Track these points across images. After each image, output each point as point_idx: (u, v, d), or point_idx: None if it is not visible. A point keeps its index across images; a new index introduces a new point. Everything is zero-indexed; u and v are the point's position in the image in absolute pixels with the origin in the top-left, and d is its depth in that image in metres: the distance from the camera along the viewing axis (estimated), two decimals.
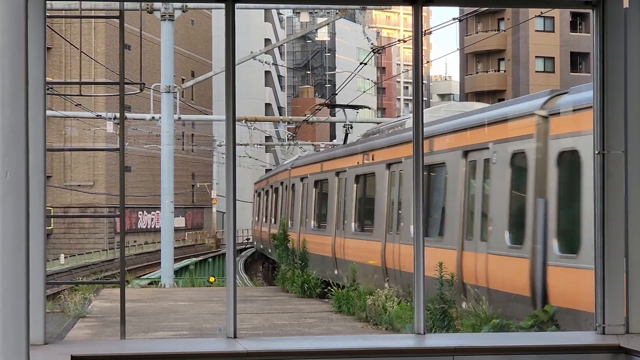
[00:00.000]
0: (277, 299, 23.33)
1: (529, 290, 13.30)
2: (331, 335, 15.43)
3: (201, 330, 16.73)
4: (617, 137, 6.33)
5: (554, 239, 12.99)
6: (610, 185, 6.34)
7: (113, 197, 62.91)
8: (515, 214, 14.35)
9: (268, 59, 71.51)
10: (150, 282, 31.80)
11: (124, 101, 6.88)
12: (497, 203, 14.98)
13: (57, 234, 62.22)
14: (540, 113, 13.59)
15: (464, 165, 16.29)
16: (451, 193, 16.94)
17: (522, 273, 13.56)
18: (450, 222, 16.73)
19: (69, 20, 56.74)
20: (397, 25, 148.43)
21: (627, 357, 5.92)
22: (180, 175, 64.31)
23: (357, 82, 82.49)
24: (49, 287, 24.32)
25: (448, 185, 17.22)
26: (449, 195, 17.15)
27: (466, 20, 66.31)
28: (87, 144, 61.28)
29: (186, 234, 71.65)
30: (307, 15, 53.60)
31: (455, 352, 6.00)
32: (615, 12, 6.38)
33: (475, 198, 15.90)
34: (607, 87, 6.37)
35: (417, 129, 6.59)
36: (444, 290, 14.68)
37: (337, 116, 49.65)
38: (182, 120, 47.71)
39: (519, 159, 14.29)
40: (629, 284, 6.29)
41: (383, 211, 20.67)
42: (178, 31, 59.55)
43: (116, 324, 15.64)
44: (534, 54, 68.96)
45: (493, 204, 15.15)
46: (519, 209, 14.26)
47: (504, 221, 14.57)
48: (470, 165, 16.12)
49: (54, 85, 38.59)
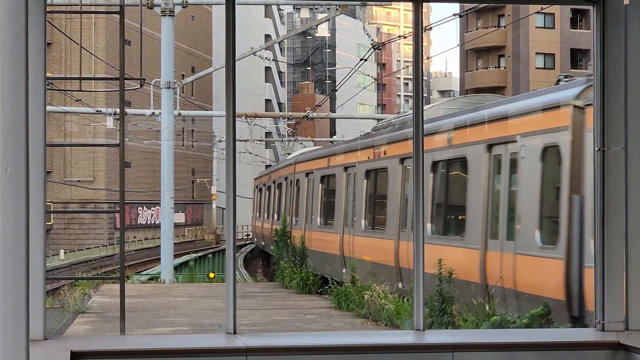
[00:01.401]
0: (276, 295, 23.35)
1: (564, 294, 12.41)
2: (331, 332, 15.43)
3: (201, 326, 16.74)
4: (617, 133, 6.33)
5: (592, 239, 12.49)
6: (610, 182, 6.34)
7: (113, 192, 62.89)
8: (547, 211, 13.46)
9: (268, 55, 71.46)
10: (150, 278, 31.81)
11: (124, 97, 6.87)
12: (527, 200, 13.99)
13: (57, 229, 62.21)
14: (575, 103, 12.65)
15: (489, 160, 15.32)
16: (474, 189, 15.94)
17: (556, 275, 12.65)
18: (473, 220, 15.69)
19: (69, 15, 56.71)
20: (397, 21, 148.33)
21: (627, 354, 5.93)
22: (180, 171, 64.29)
23: (357, 78, 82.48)
24: (48, 282, 24.31)
25: (470, 180, 16.19)
26: (471, 191, 16.08)
27: (466, 17, 66.27)
28: (87, 140, 61.25)
29: (186, 230, 71.65)
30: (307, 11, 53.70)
31: (455, 349, 6.00)
32: (616, 9, 6.37)
33: (500, 194, 14.92)
34: (607, 84, 6.36)
35: (417, 126, 6.59)
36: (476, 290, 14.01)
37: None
38: (182, 116, 47.74)
39: (552, 153, 13.31)
40: (628, 280, 6.29)
41: (396, 208, 19.62)
42: (178, 27, 59.50)
43: (116, 319, 15.65)
44: (534, 50, 68.91)
45: (522, 201, 14.18)
46: (552, 206, 13.37)
47: (534, 219, 13.65)
48: (495, 159, 15.13)
49: (54, 81, 38.53)
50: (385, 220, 20.71)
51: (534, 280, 13.48)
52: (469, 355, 6.02)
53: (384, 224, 20.72)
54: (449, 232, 17.24)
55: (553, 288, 12.68)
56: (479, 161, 15.71)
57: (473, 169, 16.09)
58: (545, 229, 13.48)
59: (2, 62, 3.08)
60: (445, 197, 18.04)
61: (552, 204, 13.38)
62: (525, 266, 13.71)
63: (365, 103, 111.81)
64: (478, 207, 15.49)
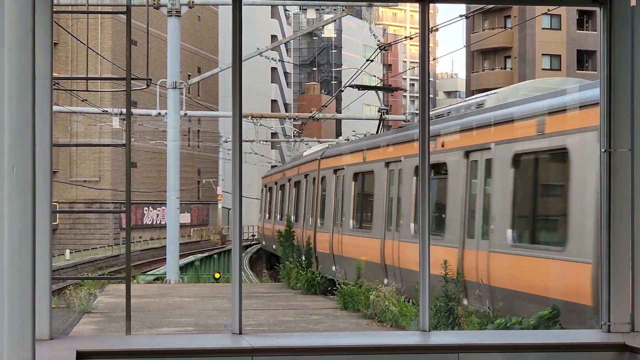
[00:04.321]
0: (282, 295, 23.34)
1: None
2: (336, 332, 15.43)
3: (206, 326, 16.75)
4: (623, 135, 6.32)
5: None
6: (617, 183, 6.33)
7: (119, 192, 62.97)
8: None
9: (274, 56, 71.45)
10: (156, 278, 31.84)
11: (131, 97, 6.87)
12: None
13: (62, 229, 62.29)
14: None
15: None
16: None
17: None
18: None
19: (75, 15, 56.80)
20: (403, 22, 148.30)
21: (632, 355, 5.92)
22: (186, 172, 64.35)
23: (363, 79, 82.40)
24: (54, 282, 24.30)
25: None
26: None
27: (473, 18, 66.23)
28: (93, 140, 61.35)
29: (192, 230, 71.71)
30: (313, 12, 53.68)
31: (461, 350, 5.99)
32: (623, 10, 6.36)
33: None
34: (613, 85, 6.35)
35: (423, 126, 6.57)
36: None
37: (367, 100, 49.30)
38: (188, 117, 47.78)
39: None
40: (634, 282, 6.28)
41: (459, 211, 16.23)
42: (185, 27, 59.51)
43: (121, 319, 15.67)
44: (540, 51, 68.87)
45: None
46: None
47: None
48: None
49: (61, 81, 38.58)
50: (443, 225, 17.16)
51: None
52: (474, 357, 6.02)
53: (443, 229, 17.09)
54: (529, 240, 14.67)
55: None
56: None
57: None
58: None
59: (9, 62, 3.09)
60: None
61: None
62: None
63: (371, 104, 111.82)
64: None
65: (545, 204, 14.66)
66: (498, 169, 15.01)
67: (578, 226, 12.68)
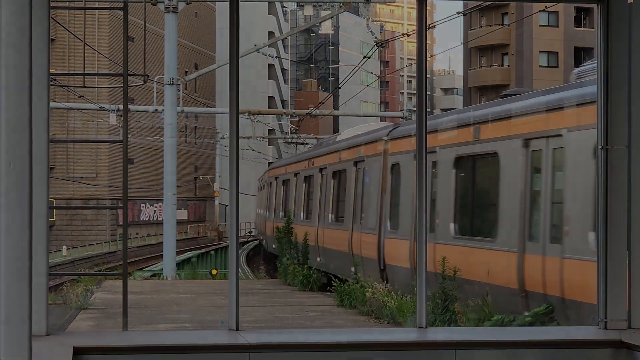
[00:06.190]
0: (279, 291, 23.33)
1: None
2: (333, 329, 15.43)
3: (203, 323, 16.74)
4: (620, 132, 6.33)
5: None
6: (613, 180, 6.33)
7: (115, 189, 62.94)
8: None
9: (272, 52, 71.39)
10: (153, 275, 31.82)
11: (128, 93, 6.86)
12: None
13: (59, 225, 62.26)
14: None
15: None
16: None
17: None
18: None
19: (72, 11, 56.72)
20: (401, 19, 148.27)
21: (629, 352, 5.92)
22: (183, 168, 64.33)
23: (360, 75, 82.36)
24: (51, 278, 24.28)
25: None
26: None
27: (470, 15, 66.20)
28: (90, 136, 61.30)
29: (188, 227, 71.69)
30: (311, 9, 53.62)
31: (457, 346, 5.99)
32: (620, 7, 6.37)
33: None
34: (611, 83, 6.36)
35: (421, 122, 6.57)
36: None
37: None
38: (185, 113, 47.62)
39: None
40: (631, 278, 6.29)
41: (512, 209, 14.66)
42: (182, 23, 59.52)
43: (118, 315, 15.66)
44: (537, 48, 68.82)
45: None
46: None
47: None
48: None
49: (57, 77, 38.55)
50: (488, 225, 15.96)
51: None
52: (471, 353, 6.02)
53: (489, 230, 15.78)
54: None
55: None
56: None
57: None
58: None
59: (6, 58, 3.09)
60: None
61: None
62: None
63: (369, 101, 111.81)
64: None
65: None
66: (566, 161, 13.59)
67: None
